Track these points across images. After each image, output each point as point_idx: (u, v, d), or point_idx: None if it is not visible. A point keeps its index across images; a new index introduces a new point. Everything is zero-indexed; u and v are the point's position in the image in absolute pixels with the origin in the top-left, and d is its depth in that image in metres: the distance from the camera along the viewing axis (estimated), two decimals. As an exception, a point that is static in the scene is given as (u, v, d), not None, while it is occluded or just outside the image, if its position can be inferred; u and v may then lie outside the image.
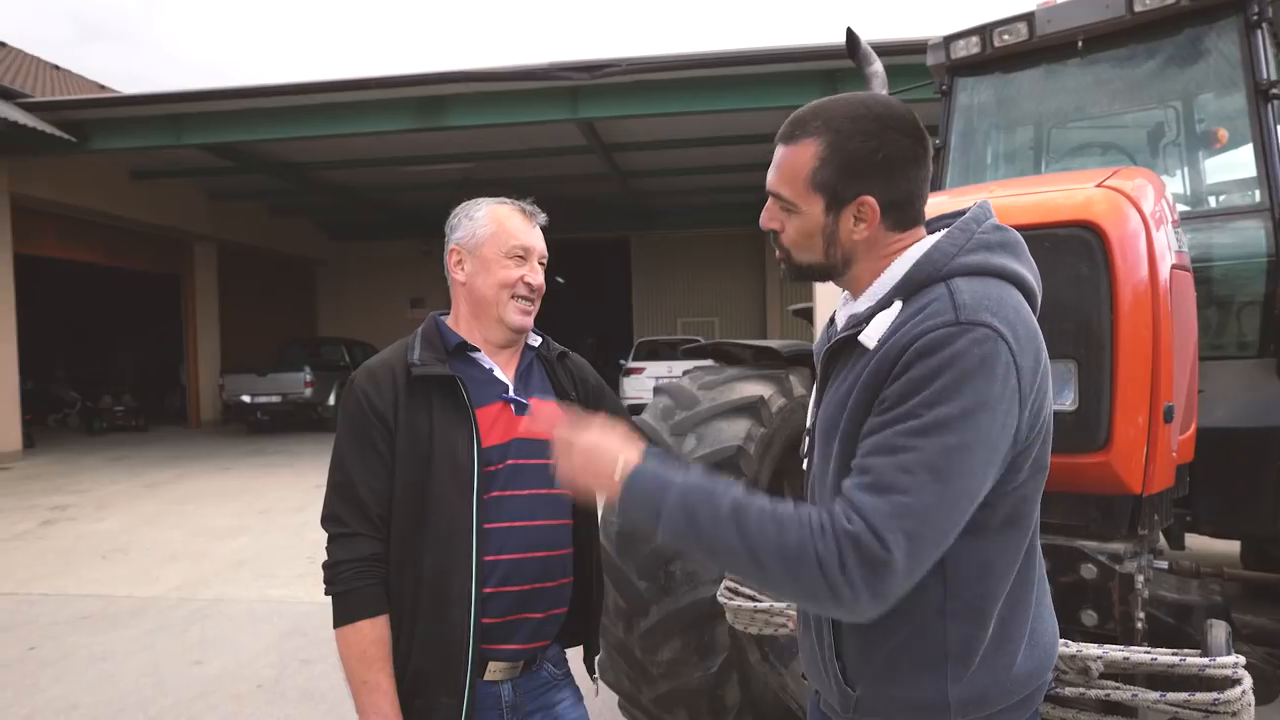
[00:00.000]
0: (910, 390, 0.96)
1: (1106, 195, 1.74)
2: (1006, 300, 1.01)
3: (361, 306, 19.52)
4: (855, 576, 0.91)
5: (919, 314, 1.00)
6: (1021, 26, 3.39)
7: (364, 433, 1.37)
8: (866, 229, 1.09)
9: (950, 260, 1.04)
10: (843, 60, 9.33)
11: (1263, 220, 2.96)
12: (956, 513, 0.95)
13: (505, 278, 1.44)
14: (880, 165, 1.07)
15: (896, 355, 0.99)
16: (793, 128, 1.13)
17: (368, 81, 9.61)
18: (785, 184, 1.12)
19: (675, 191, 16.50)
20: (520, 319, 1.47)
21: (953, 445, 0.93)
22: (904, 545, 0.91)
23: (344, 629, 1.33)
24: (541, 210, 1.56)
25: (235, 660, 3.88)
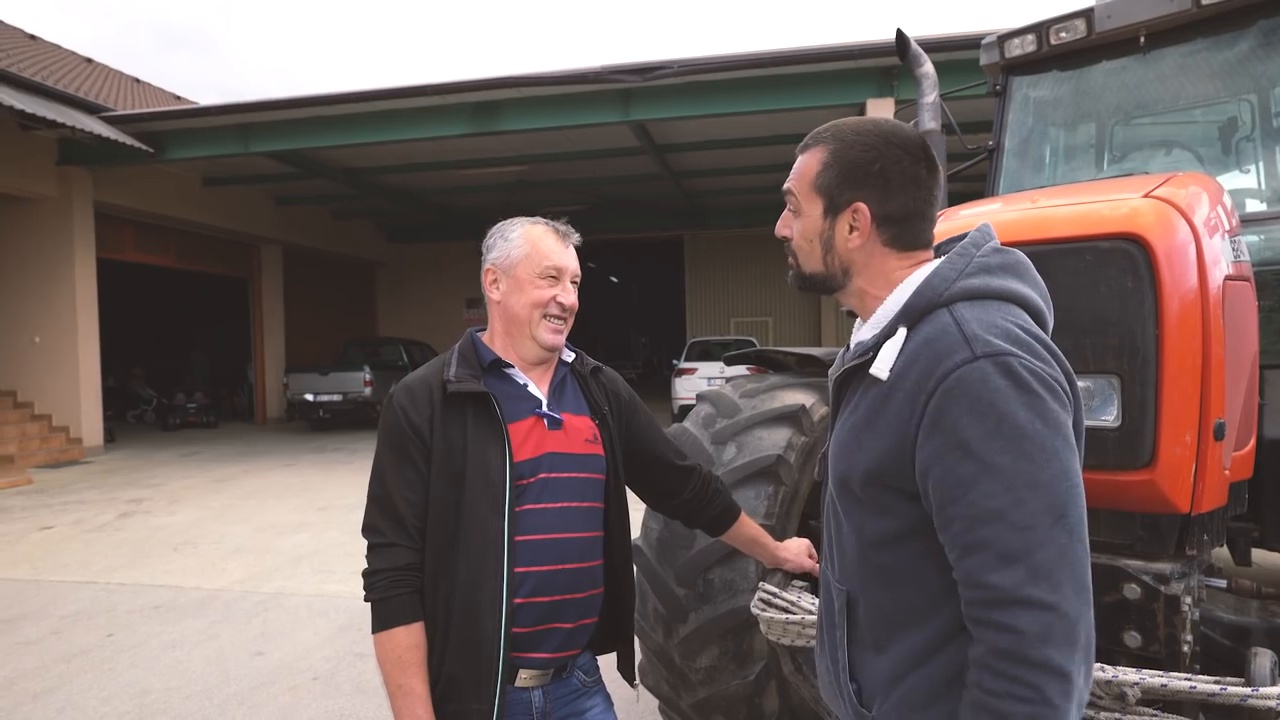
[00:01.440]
0: (962, 441, 0.94)
1: (1154, 206, 1.68)
2: (1013, 320, 1.00)
3: (419, 306, 20.03)
4: (1054, 658, 0.90)
5: (928, 346, 1.00)
6: (1080, 23, 3.29)
7: (401, 447, 1.42)
8: (859, 238, 1.12)
9: (950, 285, 1.04)
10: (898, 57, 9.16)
11: None
12: (1085, 532, 0.94)
13: (538, 298, 1.48)
14: (876, 175, 1.10)
15: (924, 402, 0.98)
16: (808, 139, 1.20)
17: (425, 89, 9.85)
18: (795, 186, 1.19)
19: (728, 191, 16.42)
20: (552, 338, 1.50)
21: (1048, 478, 0.92)
22: (1067, 591, 0.91)
23: (381, 635, 1.38)
24: (576, 230, 1.59)
25: (293, 653, 4.04)
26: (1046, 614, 0.90)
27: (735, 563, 2.38)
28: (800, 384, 2.81)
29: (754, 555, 1.83)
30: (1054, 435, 0.94)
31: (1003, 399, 0.94)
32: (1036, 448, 0.93)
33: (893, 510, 1.05)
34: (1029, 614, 0.90)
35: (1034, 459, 0.92)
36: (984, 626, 0.93)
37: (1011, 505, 0.92)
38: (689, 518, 1.73)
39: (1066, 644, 0.90)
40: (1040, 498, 0.92)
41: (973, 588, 0.95)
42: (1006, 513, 0.92)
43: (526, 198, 16.09)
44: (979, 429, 0.94)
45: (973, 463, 0.94)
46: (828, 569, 1.21)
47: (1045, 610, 0.90)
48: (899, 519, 1.05)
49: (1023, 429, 0.93)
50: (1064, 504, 0.92)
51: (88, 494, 8.74)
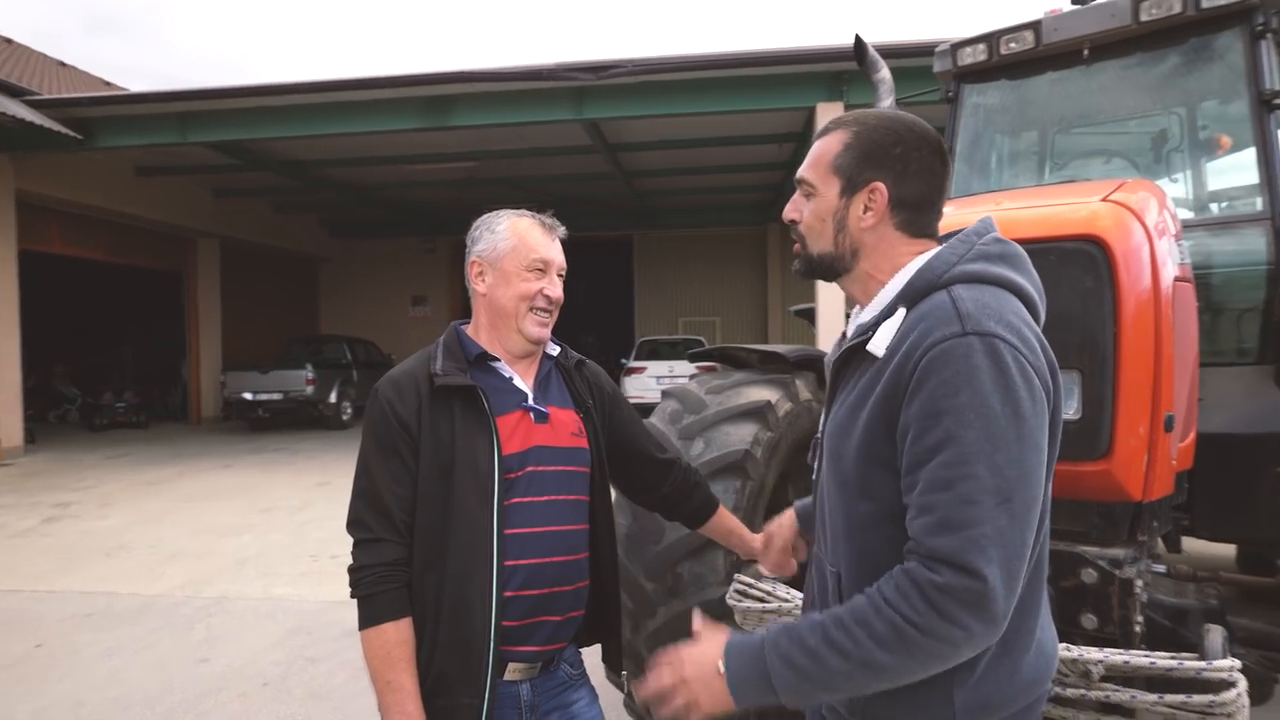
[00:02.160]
0: (935, 410, 0.98)
1: (1111, 209, 1.77)
2: (1007, 306, 1.05)
3: (364, 304, 19.57)
4: (964, 619, 0.94)
5: (923, 321, 1.04)
6: (1028, 34, 3.41)
7: (388, 441, 1.40)
8: (874, 217, 1.15)
9: (951, 268, 1.08)
10: (849, 64, 9.37)
11: (1264, 228, 2.99)
12: (1029, 521, 0.98)
13: (525, 290, 1.47)
14: (896, 159, 1.14)
15: (911, 369, 1.02)
16: (828, 124, 1.23)
17: (375, 81, 9.64)
18: (810, 169, 1.21)
19: (679, 191, 16.53)
20: (538, 330, 1.50)
21: (1004, 461, 0.96)
22: (995, 570, 0.94)
23: (369, 631, 1.35)
24: (561, 224, 1.58)
25: (241, 658, 3.91)
26: (972, 580, 0.94)
27: (704, 557, 2.40)
28: (765, 380, 2.85)
29: (730, 547, 1.85)
30: (1018, 423, 0.97)
31: (979, 377, 0.97)
32: (999, 430, 0.96)
33: (879, 492, 1.09)
34: (956, 575, 0.94)
35: (993, 440, 0.96)
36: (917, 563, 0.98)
37: (963, 478, 0.96)
38: (669, 510, 1.75)
39: (979, 612, 0.94)
40: (990, 477, 0.96)
41: (916, 544, 0.99)
42: (956, 484, 0.96)
43: (476, 195, 15.87)
44: (952, 400, 0.98)
45: (941, 431, 0.98)
46: (821, 551, 1.23)
47: (971, 577, 0.94)
48: (885, 502, 1.08)
49: (991, 410, 0.97)
50: (1011, 489, 0.96)
51: (8, 498, 8.27)
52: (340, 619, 4.42)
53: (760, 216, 18.16)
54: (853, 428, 1.11)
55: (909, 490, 1.02)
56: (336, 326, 18.91)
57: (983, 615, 0.94)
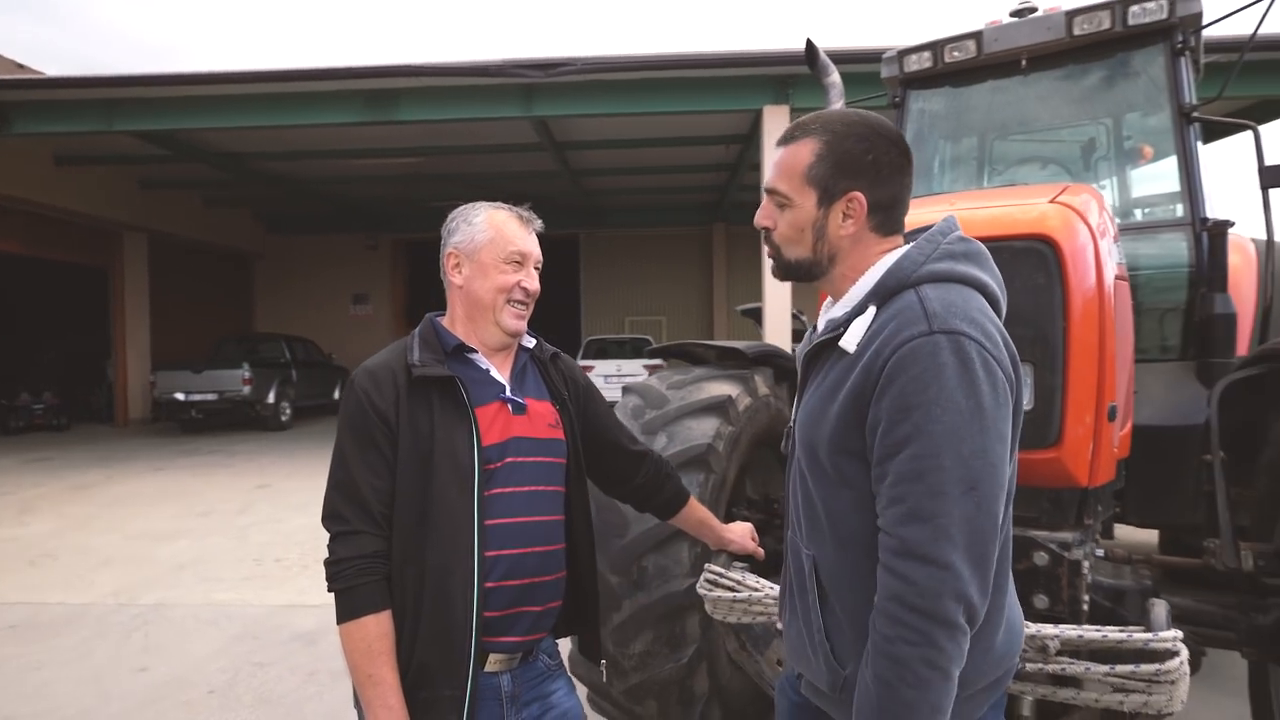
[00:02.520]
0: (904, 405, 1.03)
1: (1059, 211, 1.87)
2: (971, 303, 1.10)
3: (302, 302, 18.98)
4: (944, 610, 1.00)
5: (893, 320, 1.09)
6: (970, 44, 3.54)
7: (365, 432, 1.38)
8: (853, 225, 1.19)
9: (919, 268, 1.13)
10: (795, 67, 9.54)
11: (1185, 233, 3.18)
12: (996, 508, 1.04)
13: (502, 283, 1.47)
14: (869, 166, 1.17)
15: (881, 366, 1.07)
16: (793, 130, 1.23)
17: (317, 72, 9.37)
18: (782, 180, 1.22)
19: (626, 190, 16.56)
20: (515, 323, 1.50)
21: (969, 452, 1.02)
22: (959, 556, 1.00)
23: (349, 625, 1.33)
24: (538, 216, 1.59)
25: (184, 666, 3.77)
26: (941, 571, 1.01)
27: (668, 549, 2.43)
28: (725, 376, 2.90)
29: (701, 537, 1.88)
30: (981, 416, 1.03)
31: (946, 374, 1.03)
32: (964, 423, 1.02)
33: (852, 481, 1.14)
34: (925, 569, 1.01)
35: (959, 433, 1.02)
36: (887, 573, 1.05)
37: (931, 470, 1.02)
38: (641, 502, 1.76)
39: (954, 600, 1.01)
40: (957, 468, 1.02)
41: (887, 536, 1.05)
42: (925, 475, 1.02)
43: (421, 191, 15.61)
44: (921, 396, 1.03)
45: (909, 425, 1.03)
46: (795, 537, 1.27)
47: (940, 568, 1.01)
48: (857, 490, 1.13)
49: (957, 405, 1.02)
50: (976, 479, 1.02)
51: (-83, 505, 7.78)
52: (288, 623, 4.30)
53: (706, 216, 18.34)
54: (824, 419, 1.15)
55: (879, 480, 1.07)
56: (273, 325, 18.30)
57: (957, 600, 1.01)
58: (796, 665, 1.30)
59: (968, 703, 1.11)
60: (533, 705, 1.48)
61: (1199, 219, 3.14)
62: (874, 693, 1.04)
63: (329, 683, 3.54)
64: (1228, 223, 3.02)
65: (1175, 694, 1.39)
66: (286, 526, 6.57)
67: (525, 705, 1.47)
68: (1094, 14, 3.29)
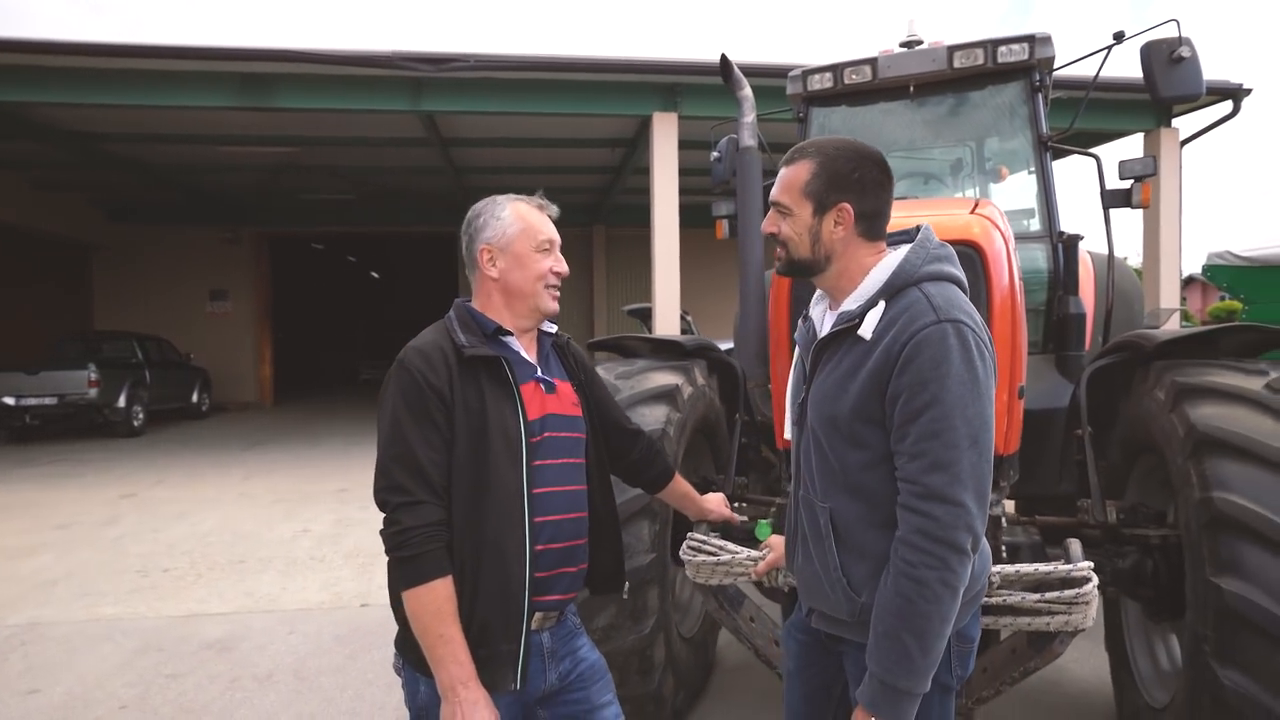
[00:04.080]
0: (921, 381, 1.29)
1: (980, 221, 2.20)
2: (960, 298, 1.39)
3: (151, 298, 17.35)
4: (959, 539, 1.27)
5: (905, 313, 1.35)
6: (867, 68, 3.93)
7: (422, 408, 1.45)
8: (843, 230, 1.44)
9: (918, 270, 1.40)
10: (684, 76, 9.92)
11: (1044, 244, 3.70)
12: (989, 454, 1.31)
13: (539, 270, 1.60)
14: (856, 182, 1.44)
15: (899, 350, 1.32)
16: (793, 154, 1.51)
17: (186, 51, 8.70)
18: (785, 194, 1.49)
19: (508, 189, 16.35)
20: (552, 304, 1.64)
21: (973, 414, 1.29)
22: (971, 496, 1.27)
23: (418, 589, 1.41)
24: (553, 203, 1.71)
25: (81, 685, 3.51)
26: (957, 509, 1.27)
27: (630, 528, 2.60)
28: (668, 367, 3.10)
29: (683, 509, 2.06)
30: (978, 386, 1.31)
31: (953, 354, 1.30)
32: (968, 392, 1.29)
33: (867, 444, 1.39)
34: (944, 507, 1.27)
35: (964, 399, 1.29)
36: (911, 512, 1.30)
37: (946, 429, 1.28)
38: (634, 476, 1.92)
39: (966, 531, 1.28)
40: (964, 426, 1.28)
41: (910, 483, 1.30)
42: (942, 434, 1.28)
43: (291, 182, 14.81)
44: (934, 372, 1.29)
45: (927, 395, 1.29)
46: (810, 494, 1.49)
47: (956, 506, 1.27)
48: (872, 450, 1.38)
49: (961, 377, 1.29)
50: (977, 435, 1.30)
51: None
52: (194, 633, 4.08)
53: (587, 218, 18.49)
54: (844, 393, 1.39)
55: (901, 440, 1.32)
56: (116, 322, 16.67)
57: (969, 531, 1.28)
58: (811, 602, 1.52)
59: (962, 611, 1.37)
60: (565, 660, 1.61)
61: (1056, 232, 3.66)
62: (896, 607, 1.29)
63: (255, 689, 3.43)
64: (1079, 236, 3.54)
65: (1089, 612, 1.73)
66: (167, 536, 6.14)
67: (560, 660, 1.60)
68: (971, 50, 3.75)
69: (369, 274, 31.70)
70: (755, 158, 3.62)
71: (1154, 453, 2.55)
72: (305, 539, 6.03)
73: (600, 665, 1.70)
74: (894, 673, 1.29)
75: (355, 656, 3.76)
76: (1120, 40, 3.65)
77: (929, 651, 1.29)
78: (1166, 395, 2.38)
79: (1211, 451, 2.12)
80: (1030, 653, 1.90)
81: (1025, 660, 1.90)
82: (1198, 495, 2.10)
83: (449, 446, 1.47)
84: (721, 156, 4.46)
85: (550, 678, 1.58)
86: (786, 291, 2.72)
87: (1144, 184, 3.59)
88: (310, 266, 26.82)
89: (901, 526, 1.31)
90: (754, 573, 1.97)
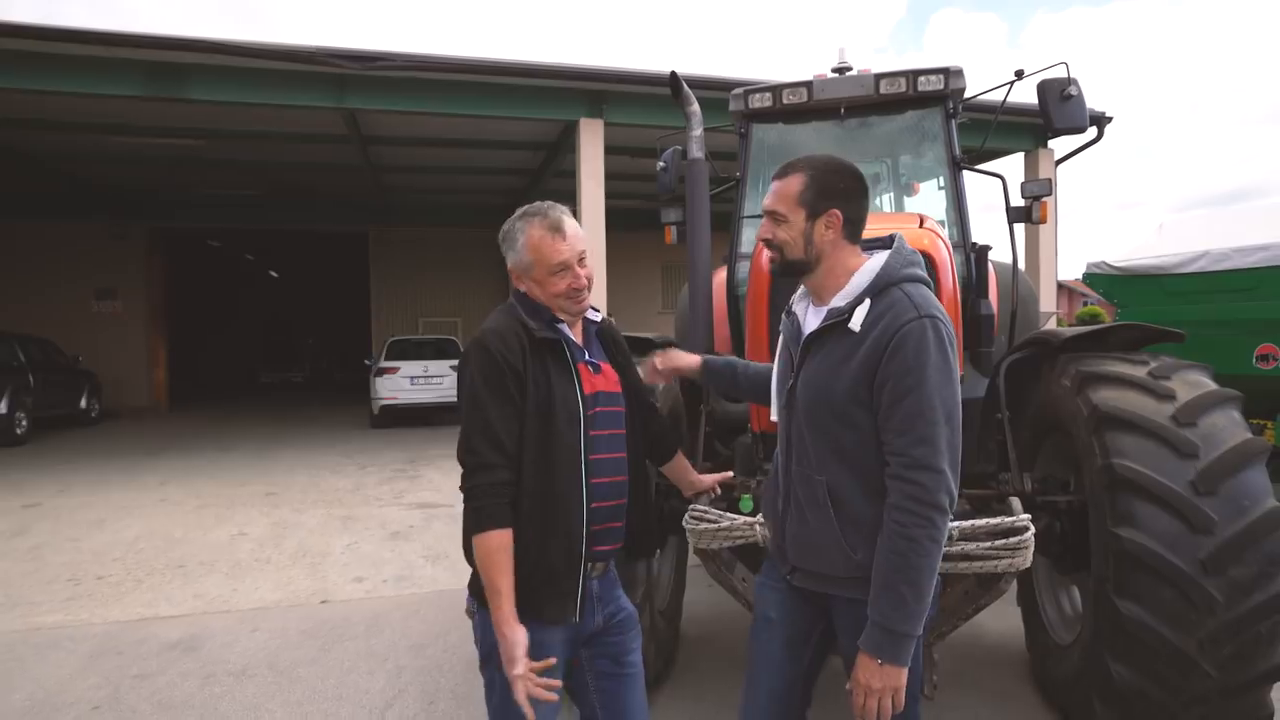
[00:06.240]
0: (906, 368, 1.54)
1: (928, 233, 2.60)
2: (932, 298, 1.64)
3: (28, 297, 16.00)
4: (942, 501, 1.52)
5: (890, 309, 1.59)
6: (803, 90, 4.32)
7: (500, 383, 1.68)
8: (833, 234, 1.69)
9: (899, 272, 1.65)
10: (610, 84, 10.19)
11: (958, 254, 4.19)
12: (959, 430, 1.59)
13: (554, 290, 1.80)
14: (843, 192, 1.69)
15: (886, 341, 1.57)
16: (785, 169, 1.76)
17: (86, 34, 8.26)
18: (780, 203, 1.72)
19: (425, 189, 16.29)
20: (576, 308, 1.83)
21: (947, 395, 1.56)
22: (948, 464, 1.54)
23: (478, 536, 1.65)
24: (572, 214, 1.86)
25: (43, 689, 3.43)
26: (938, 475, 1.52)
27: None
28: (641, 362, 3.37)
29: (679, 482, 2.31)
30: (950, 372, 1.57)
31: (930, 345, 1.55)
32: (943, 377, 1.55)
33: (858, 422, 1.63)
34: (928, 474, 1.52)
35: (940, 383, 1.55)
36: (901, 481, 1.54)
37: (928, 409, 1.54)
38: (648, 448, 2.12)
39: (946, 494, 1.54)
40: (941, 406, 1.54)
41: (899, 455, 1.55)
42: (924, 413, 1.54)
43: (190, 177, 14.14)
44: (917, 360, 1.54)
45: (911, 379, 1.54)
46: (804, 469, 1.72)
47: (938, 473, 1.53)
48: (860, 430, 1.62)
49: (938, 365, 1.55)
50: (950, 412, 1.56)
51: None
52: (150, 635, 4.03)
53: (503, 218, 18.13)
54: (837, 379, 1.62)
55: (889, 419, 1.56)
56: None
57: (948, 494, 1.54)
58: (803, 563, 1.75)
59: None
60: (610, 605, 1.86)
61: (969, 243, 4.16)
62: (892, 563, 1.53)
63: (232, 683, 3.46)
64: (988, 247, 4.04)
65: (1027, 555, 2.12)
66: (90, 544, 5.88)
67: (606, 604, 1.85)
68: (894, 78, 4.20)
69: (267, 273, 30.30)
70: (703, 168, 3.95)
71: (1060, 431, 3.02)
72: (244, 542, 5.92)
73: (634, 615, 1.94)
74: (893, 619, 1.51)
75: (328, 649, 3.84)
76: (1020, 77, 4.18)
77: (922, 598, 1.52)
78: (1072, 382, 2.85)
79: (1110, 426, 2.59)
80: (980, 592, 2.30)
81: (977, 599, 2.30)
82: (1100, 463, 2.56)
83: (521, 416, 1.70)
84: (667, 167, 4.79)
85: (598, 619, 1.83)
86: (766, 292, 3.03)
87: (1042, 202, 4.14)
88: (206, 265, 25.45)
89: (892, 494, 1.55)
90: (755, 537, 2.27)
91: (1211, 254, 6.16)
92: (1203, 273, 6.23)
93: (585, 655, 1.86)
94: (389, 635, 3.99)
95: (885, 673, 1.54)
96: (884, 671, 1.54)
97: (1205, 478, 2.38)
